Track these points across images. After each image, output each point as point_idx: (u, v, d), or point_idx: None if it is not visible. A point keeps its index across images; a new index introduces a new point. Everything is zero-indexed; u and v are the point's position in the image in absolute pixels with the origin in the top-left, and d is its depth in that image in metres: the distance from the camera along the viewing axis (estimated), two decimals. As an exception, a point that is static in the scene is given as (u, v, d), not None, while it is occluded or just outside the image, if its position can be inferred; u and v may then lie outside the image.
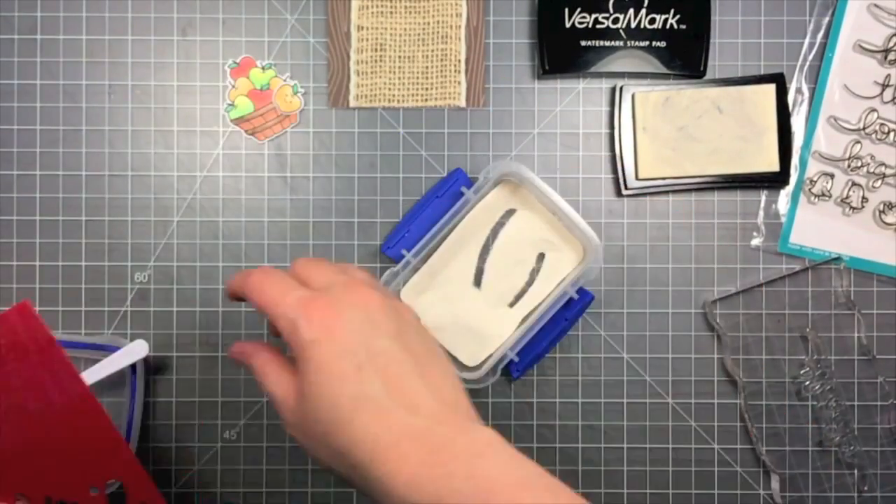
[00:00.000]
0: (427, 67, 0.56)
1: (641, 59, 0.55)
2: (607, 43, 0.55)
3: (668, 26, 0.55)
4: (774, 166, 0.56)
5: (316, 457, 0.42)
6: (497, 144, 0.56)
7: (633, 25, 0.55)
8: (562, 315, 0.53)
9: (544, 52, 0.55)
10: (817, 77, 0.56)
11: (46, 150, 0.56)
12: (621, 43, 0.55)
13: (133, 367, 0.54)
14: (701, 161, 0.56)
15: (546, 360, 0.56)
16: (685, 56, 0.55)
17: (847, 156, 0.56)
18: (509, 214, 0.55)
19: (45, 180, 0.56)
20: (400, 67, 0.56)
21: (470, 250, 0.55)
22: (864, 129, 0.56)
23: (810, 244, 0.56)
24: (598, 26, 0.55)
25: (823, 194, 0.56)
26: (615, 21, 0.55)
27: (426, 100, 0.56)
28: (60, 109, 0.56)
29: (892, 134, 0.56)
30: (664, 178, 0.56)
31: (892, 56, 0.56)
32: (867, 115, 0.56)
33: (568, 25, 0.55)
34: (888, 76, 0.56)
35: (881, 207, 0.56)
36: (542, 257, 0.55)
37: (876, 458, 0.56)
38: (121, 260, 0.56)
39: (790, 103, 0.56)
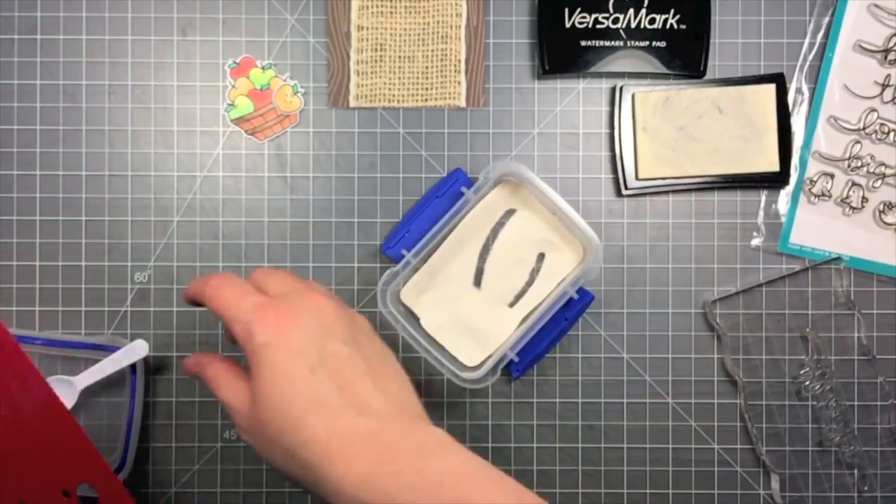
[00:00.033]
0: (427, 67, 0.56)
1: (641, 59, 0.55)
2: (607, 43, 0.55)
3: (668, 26, 0.55)
4: (774, 166, 0.56)
5: (270, 459, 0.42)
6: (497, 144, 0.56)
7: (633, 25, 0.55)
8: (562, 315, 0.53)
9: (544, 52, 0.55)
10: (817, 77, 0.56)
11: (46, 150, 0.56)
12: (621, 43, 0.55)
13: (133, 367, 0.54)
14: (701, 161, 0.56)
15: (546, 360, 0.56)
16: (685, 56, 0.55)
17: (847, 156, 0.56)
18: (509, 214, 0.55)
19: (45, 180, 0.56)
20: (400, 67, 0.56)
21: (470, 250, 0.55)
22: (864, 129, 0.56)
23: (810, 244, 0.56)
24: (598, 26, 0.55)
25: (823, 194, 0.56)
26: (615, 21, 0.55)
27: (426, 100, 0.56)
28: (60, 109, 0.56)
29: (892, 134, 0.56)
30: (664, 178, 0.56)
31: (892, 56, 0.56)
32: (867, 115, 0.56)
33: (568, 25, 0.55)
34: (888, 76, 0.56)
35: (881, 207, 0.56)
36: (542, 257, 0.55)
37: (876, 458, 0.56)
38: (121, 260, 0.56)
39: (790, 103, 0.56)
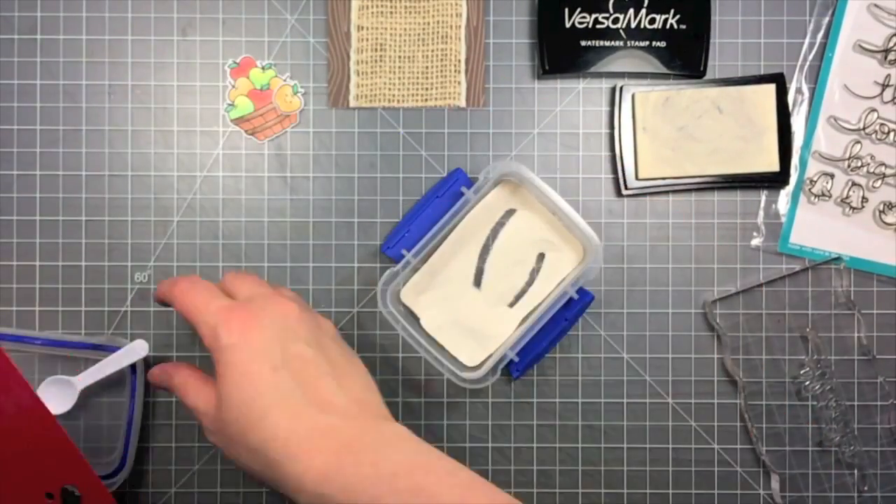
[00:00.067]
0: (427, 67, 0.56)
1: (641, 59, 0.55)
2: (607, 43, 0.55)
3: (668, 26, 0.55)
4: (774, 166, 0.56)
5: (235, 459, 0.44)
6: (497, 144, 0.56)
7: (633, 25, 0.55)
8: (562, 315, 0.53)
9: (544, 52, 0.55)
10: (817, 77, 0.56)
11: (46, 150, 0.56)
12: (621, 43, 0.55)
13: (133, 367, 0.54)
14: (701, 161, 0.56)
15: (546, 360, 0.56)
16: (685, 56, 0.55)
17: (847, 156, 0.56)
18: (509, 214, 0.55)
19: (45, 180, 0.56)
20: (400, 67, 0.56)
21: (470, 250, 0.55)
22: (864, 129, 0.56)
23: (810, 244, 0.56)
24: (598, 26, 0.55)
25: (823, 194, 0.56)
26: (615, 21, 0.55)
27: (426, 100, 0.56)
28: (60, 109, 0.56)
29: (892, 134, 0.56)
30: (664, 178, 0.56)
31: (892, 56, 0.56)
32: (867, 115, 0.56)
33: (568, 25, 0.55)
34: (888, 76, 0.56)
35: (881, 207, 0.56)
36: (542, 257, 0.55)
37: (876, 458, 0.56)
38: (121, 260, 0.56)
39: (790, 103, 0.56)
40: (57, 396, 0.53)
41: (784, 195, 0.56)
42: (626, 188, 0.56)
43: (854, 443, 0.56)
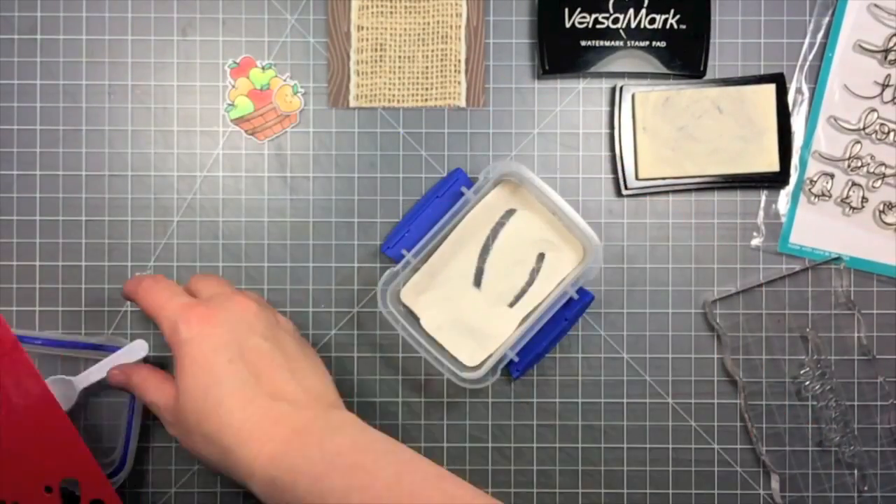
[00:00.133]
0: (427, 67, 0.56)
1: (641, 59, 0.55)
2: (607, 43, 0.55)
3: (668, 26, 0.55)
4: (774, 166, 0.56)
5: (192, 448, 0.46)
6: (497, 144, 0.56)
7: (633, 25, 0.55)
8: (562, 315, 0.53)
9: (544, 52, 0.55)
10: (817, 77, 0.56)
11: (46, 150, 0.56)
12: (621, 43, 0.55)
13: (133, 367, 0.54)
14: (701, 161, 0.56)
15: (546, 360, 0.56)
16: (685, 56, 0.55)
17: (847, 156, 0.56)
18: (509, 214, 0.55)
19: (45, 180, 0.56)
20: (400, 67, 0.56)
21: (470, 250, 0.55)
22: (864, 129, 0.56)
23: (810, 244, 0.56)
24: (598, 26, 0.55)
25: (823, 194, 0.56)
26: (615, 21, 0.55)
27: (426, 100, 0.56)
28: (60, 109, 0.56)
29: (892, 134, 0.56)
30: (664, 178, 0.56)
31: (892, 56, 0.56)
32: (867, 115, 0.56)
33: (568, 25, 0.55)
34: (888, 76, 0.56)
35: (881, 207, 0.56)
36: (542, 257, 0.55)
37: (876, 458, 0.56)
38: (121, 260, 0.56)
39: (790, 103, 0.56)
40: (57, 396, 0.53)
41: (784, 195, 0.56)
42: (626, 188, 0.56)
43: (854, 443, 0.56)
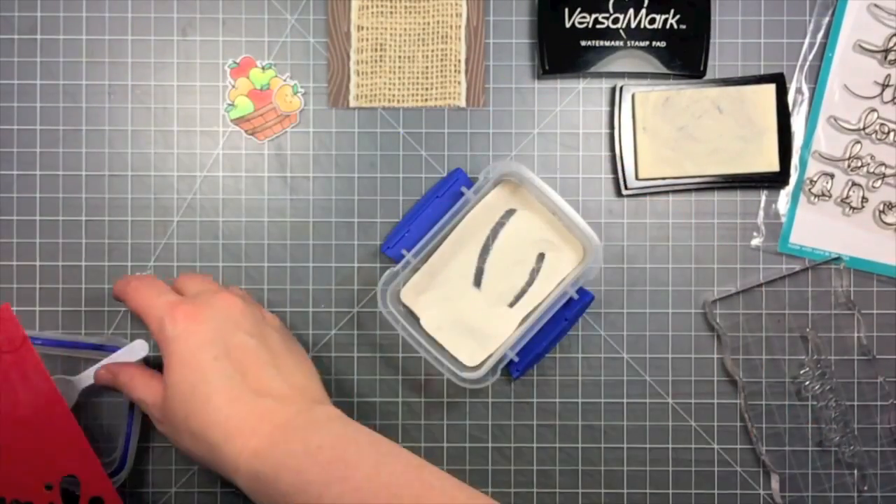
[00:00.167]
0: (427, 67, 0.56)
1: (641, 59, 0.55)
2: (607, 43, 0.55)
3: (668, 26, 0.55)
4: (774, 166, 0.56)
5: (181, 445, 0.46)
6: (497, 144, 0.56)
7: (633, 25, 0.55)
8: (562, 315, 0.53)
9: (544, 52, 0.55)
10: (817, 77, 0.56)
11: (46, 150, 0.56)
12: (621, 43, 0.55)
13: (133, 367, 0.54)
14: (701, 161, 0.56)
15: (546, 360, 0.56)
16: (685, 56, 0.55)
17: (847, 156, 0.56)
18: (509, 214, 0.55)
19: (45, 180, 0.56)
20: (400, 67, 0.56)
21: (470, 250, 0.55)
22: (864, 129, 0.56)
23: (810, 244, 0.56)
24: (598, 26, 0.55)
25: (823, 194, 0.56)
26: (615, 21, 0.55)
27: (426, 100, 0.56)
28: (60, 109, 0.56)
29: (892, 134, 0.56)
30: (664, 178, 0.56)
31: (892, 56, 0.56)
32: (867, 115, 0.56)
33: (568, 25, 0.55)
34: (888, 76, 0.56)
35: (881, 207, 0.56)
36: (542, 257, 0.55)
37: (876, 458, 0.56)
38: (121, 260, 0.56)
39: (790, 103, 0.56)
40: (57, 396, 0.53)
41: (784, 195, 0.56)
42: (626, 188, 0.56)
43: (854, 443, 0.56)
